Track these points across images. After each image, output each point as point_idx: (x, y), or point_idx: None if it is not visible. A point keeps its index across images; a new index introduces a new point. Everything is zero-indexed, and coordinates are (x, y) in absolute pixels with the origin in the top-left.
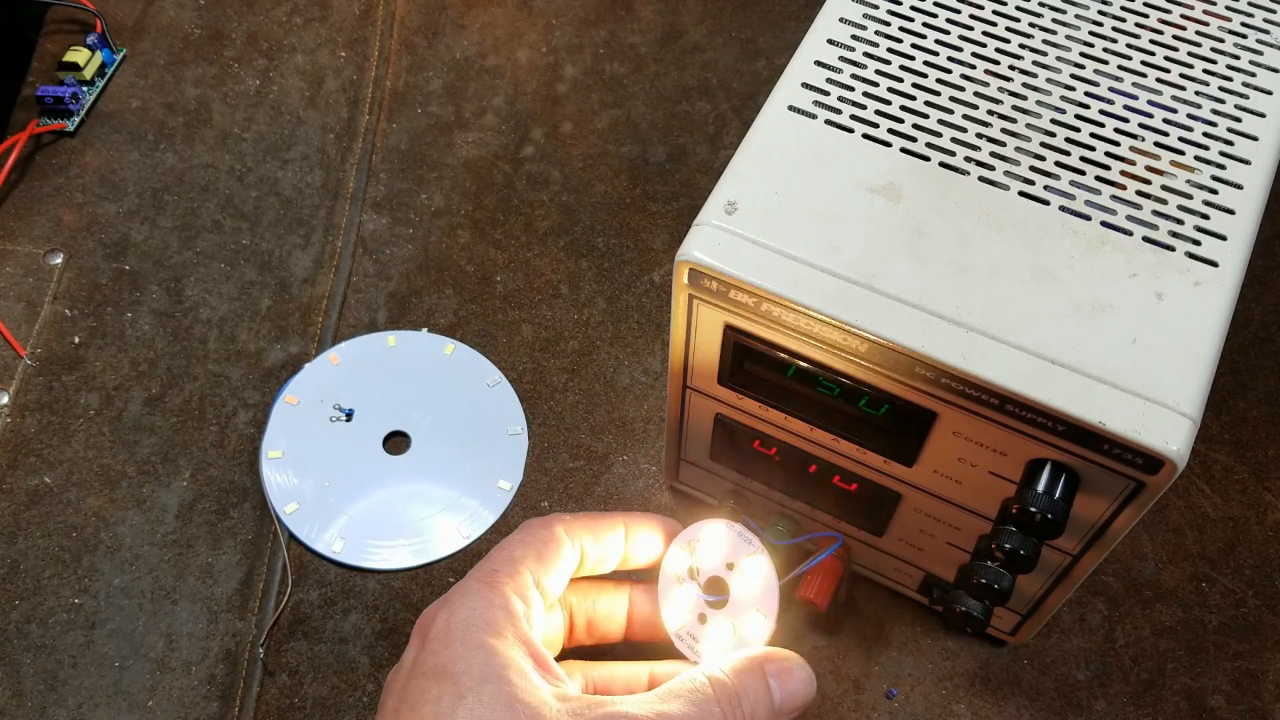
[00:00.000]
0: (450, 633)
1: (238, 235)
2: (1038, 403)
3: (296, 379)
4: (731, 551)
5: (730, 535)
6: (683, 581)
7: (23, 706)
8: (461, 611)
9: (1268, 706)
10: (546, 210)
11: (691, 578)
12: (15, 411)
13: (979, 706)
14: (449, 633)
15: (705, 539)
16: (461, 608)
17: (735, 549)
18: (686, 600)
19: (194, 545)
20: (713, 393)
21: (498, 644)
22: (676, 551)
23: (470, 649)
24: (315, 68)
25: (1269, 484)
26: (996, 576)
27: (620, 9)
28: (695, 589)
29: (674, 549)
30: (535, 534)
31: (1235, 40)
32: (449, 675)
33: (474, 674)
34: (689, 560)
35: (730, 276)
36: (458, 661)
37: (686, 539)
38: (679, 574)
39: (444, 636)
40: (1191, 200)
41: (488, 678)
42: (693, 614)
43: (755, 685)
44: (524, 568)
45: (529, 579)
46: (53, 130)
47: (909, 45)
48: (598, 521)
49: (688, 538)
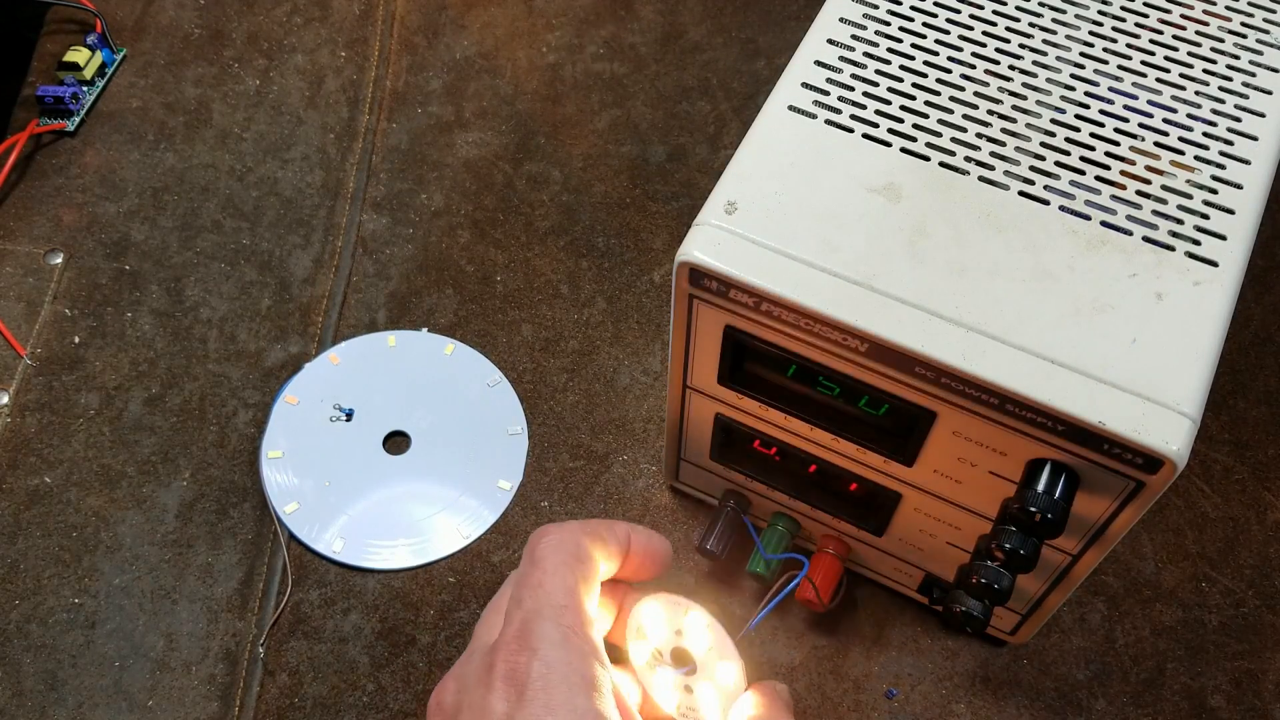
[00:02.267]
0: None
1: (238, 235)
2: (1038, 403)
3: (296, 379)
4: (670, 619)
5: (662, 606)
6: (654, 668)
7: (23, 706)
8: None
9: (1268, 706)
10: (546, 210)
11: (659, 660)
12: (15, 411)
13: (979, 706)
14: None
15: (646, 623)
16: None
17: (672, 617)
18: (667, 682)
19: (194, 545)
20: (713, 393)
21: (604, 709)
22: (634, 644)
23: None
24: (315, 68)
25: (1269, 484)
26: (996, 576)
27: (620, 9)
28: (668, 669)
29: (630, 637)
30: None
31: (1235, 40)
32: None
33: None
34: (646, 645)
35: (730, 276)
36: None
37: (634, 628)
38: (648, 662)
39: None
40: (1191, 200)
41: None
42: (679, 690)
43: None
44: (582, 600)
45: (589, 609)
46: (53, 130)
47: (909, 45)
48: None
49: (634, 626)
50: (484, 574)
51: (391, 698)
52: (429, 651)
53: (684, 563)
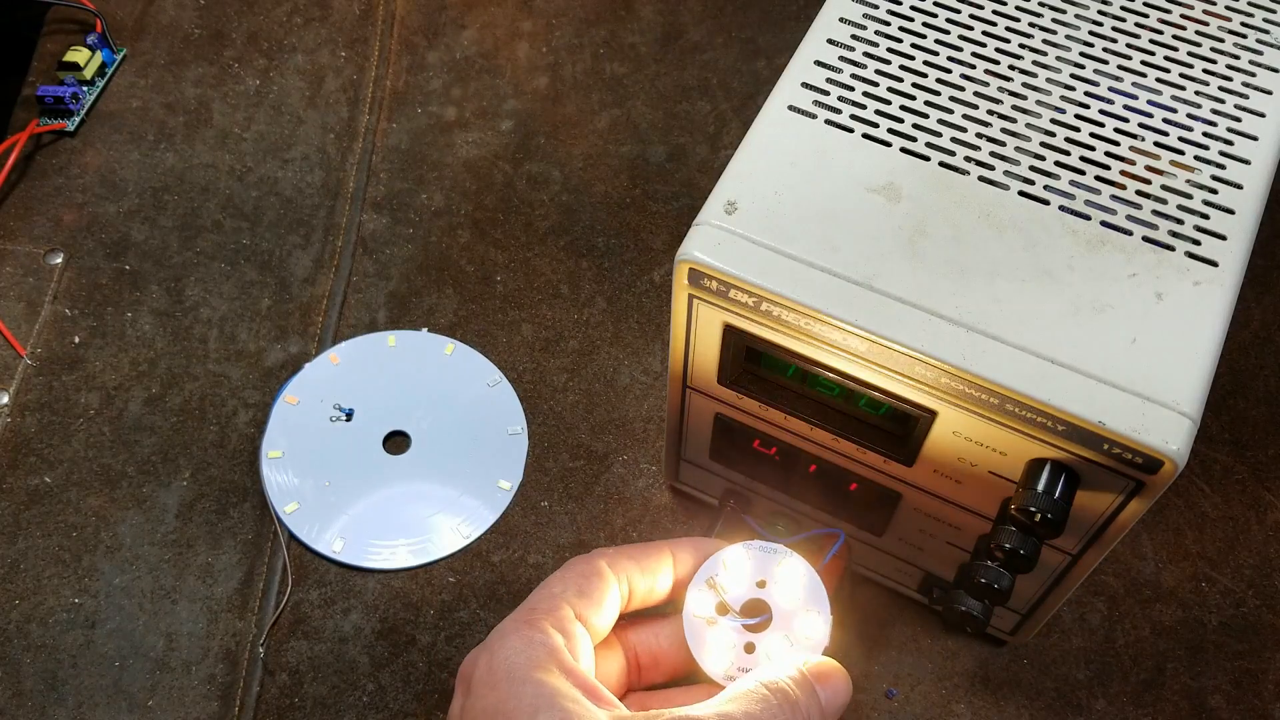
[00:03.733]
0: (494, 674)
1: (238, 235)
2: (1038, 402)
3: (296, 379)
4: (758, 569)
5: (751, 554)
6: (714, 622)
7: (23, 706)
8: (502, 652)
9: (1268, 706)
10: (546, 210)
11: (721, 614)
12: (15, 411)
13: (979, 706)
14: (492, 674)
15: (728, 568)
16: (501, 649)
17: (761, 565)
18: (725, 639)
19: (194, 545)
20: (713, 393)
21: (543, 677)
22: (697, 595)
23: (516, 685)
24: (315, 67)
25: (1269, 484)
26: (996, 576)
27: (620, 9)
28: (731, 622)
29: (693, 593)
30: (575, 569)
31: (1235, 40)
32: (500, 715)
33: (524, 709)
34: (714, 598)
35: (730, 276)
36: (506, 700)
37: (704, 578)
38: (707, 616)
39: (488, 679)
40: (1191, 200)
41: (539, 708)
42: (735, 650)
43: (809, 697)
44: (563, 603)
45: (569, 613)
46: (53, 130)
47: (909, 45)
48: (643, 552)
49: (705, 576)
50: (484, 574)
51: (391, 698)
52: (429, 651)
53: None
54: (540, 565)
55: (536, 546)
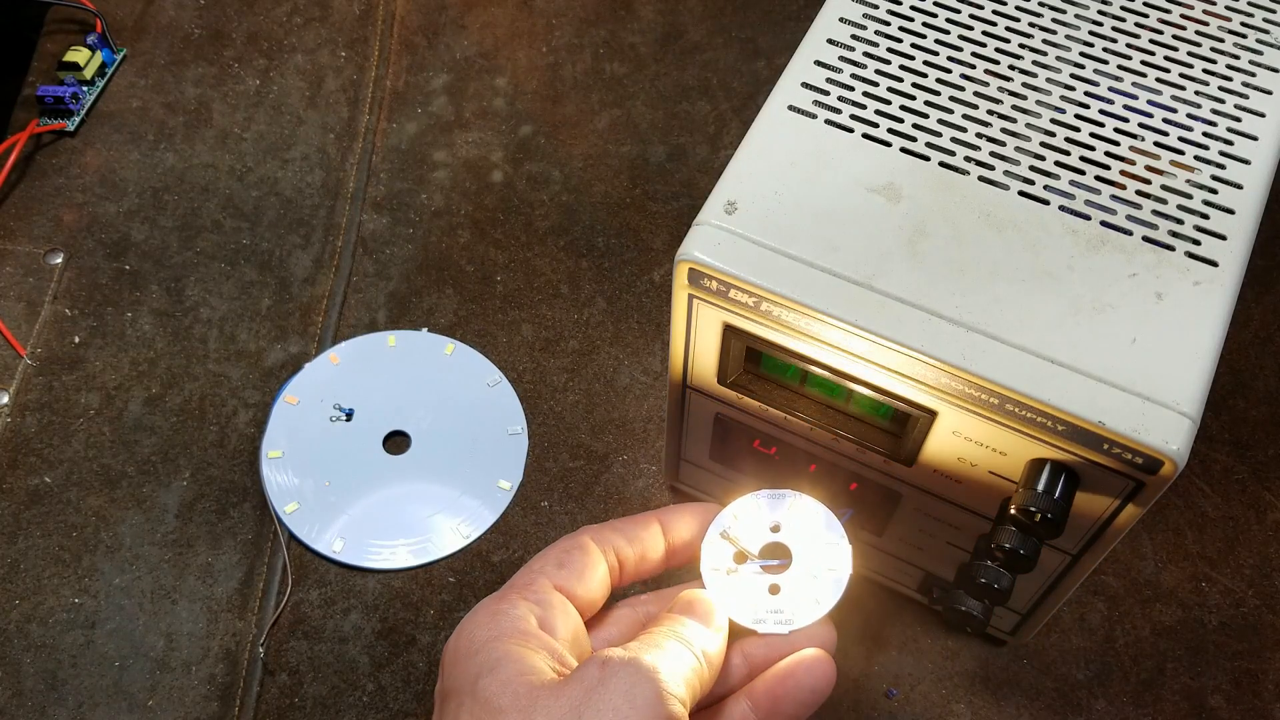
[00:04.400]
0: (456, 652)
1: (238, 235)
2: (1038, 402)
3: (296, 379)
4: (770, 515)
5: (761, 501)
6: (734, 571)
7: (23, 706)
8: (466, 629)
9: (1268, 706)
10: (546, 210)
11: (740, 562)
12: (15, 411)
13: (979, 706)
14: (455, 652)
15: (739, 519)
16: (467, 626)
17: (773, 510)
18: (748, 584)
19: (194, 545)
20: (713, 393)
21: (498, 644)
22: (712, 547)
23: (470, 658)
24: (315, 67)
25: (1269, 484)
26: (996, 576)
27: (620, 9)
28: (753, 568)
29: (707, 546)
30: (557, 546)
31: (1235, 40)
32: (452, 690)
33: (469, 676)
34: (730, 548)
35: (730, 276)
36: (461, 675)
37: (718, 530)
38: (726, 566)
39: (451, 658)
40: (1191, 200)
41: (479, 674)
42: (760, 593)
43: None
44: (539, 577)
45: (545, 584)
46: (53, 130)
47: (909, 45)
48: (628, 523)
49: (719, 529)
50: (484, 574)
51: (391, 698)
52: (429, 651)
53: None
54: None
55: (536, 546)
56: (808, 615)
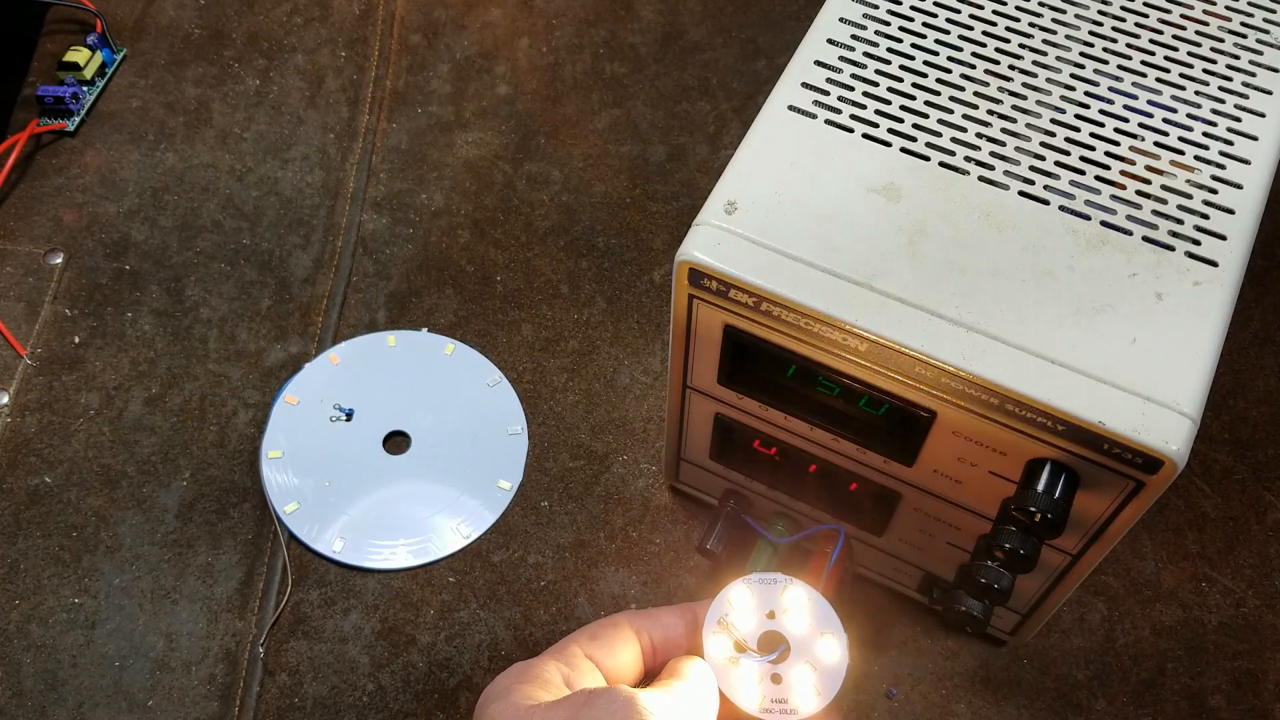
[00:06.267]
0: (484, 700)
1: (238, 235)
2: (1038, 402)
3: (296, 379)
4: (763, 602)
5: (754, 588)
6: (737, 662)
7: (23, 706)
8: (495, 682)
9: (1268, 706)
10: (546, 210)
11: (741, 651)
12: (15, 411)
13: (979, 706)
14: (481, 701)
15: (734, 609)
16: (495, 680)
17: (765, 598)
18: (751, 675)
19: (194, 545)
20: (713, 393)
21: (517, 688)
22: (712, 639)
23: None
24: (315, 68)
25: (1269, 484)
26: (996, 576)
27: (620, 9)
28: (753, 658)
29: (708, 638)
30: (594, 623)
31: (1235, 40)
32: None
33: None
34: (729, 638)
35: (730, 276)
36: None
37: (714, 621)
38: (729, 657)
39: (478, 707)
40: (1191, 200)
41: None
42: (764, 683)
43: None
44: (571, 644)
45: (577, 651)
46: (53, 130)
47: (909, 45)
48: (665, 611)
49: (715, 619)
50: (484, 574)
51: (391, 698)
52: (429, 651)
53: (684, 562)
54: (540, 565)
55: (536, 546)
56: (810, 706)
